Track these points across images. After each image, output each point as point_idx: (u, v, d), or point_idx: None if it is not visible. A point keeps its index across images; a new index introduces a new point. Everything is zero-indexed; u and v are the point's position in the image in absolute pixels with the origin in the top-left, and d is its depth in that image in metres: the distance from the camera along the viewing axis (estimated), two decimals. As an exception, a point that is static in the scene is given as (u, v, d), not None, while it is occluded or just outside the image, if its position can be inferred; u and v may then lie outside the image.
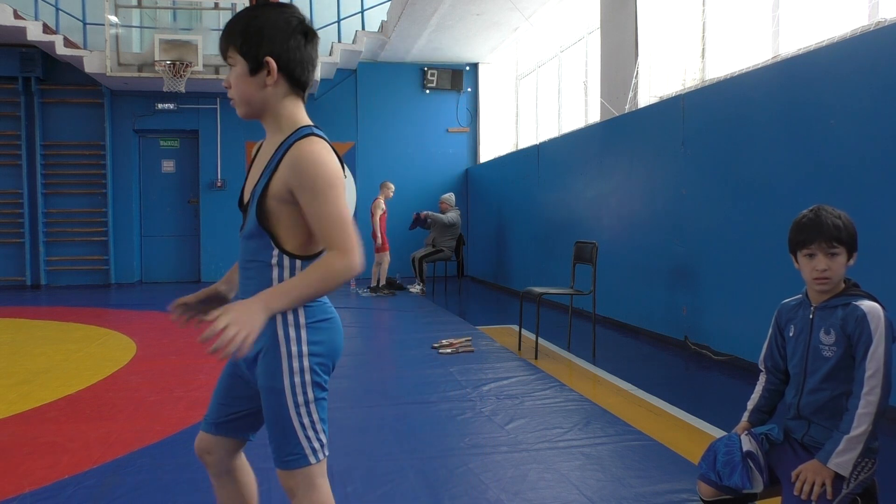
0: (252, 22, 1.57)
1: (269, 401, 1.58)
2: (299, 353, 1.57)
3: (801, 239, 1.89)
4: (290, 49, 1.58)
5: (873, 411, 1.76)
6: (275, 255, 1.58)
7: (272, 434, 1.61)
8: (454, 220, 9.55)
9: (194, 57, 9.09)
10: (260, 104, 1.60)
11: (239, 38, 1.57)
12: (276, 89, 1.58)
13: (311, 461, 1.61)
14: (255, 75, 1.57)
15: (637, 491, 2.62)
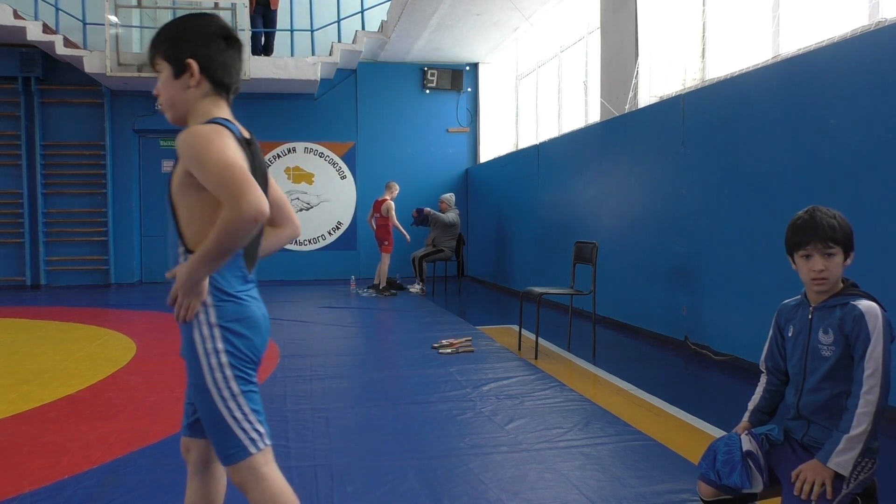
0: (175, 29, 1.67)
1: (199, 399, 1.65)
2: (215, 351, 1.63)
3: (797, 240, 1.90)
4: (211, 51, 1.66)
5: (873, 410, 1.77)
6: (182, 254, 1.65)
7: (209, 432, 1.66)
8: (454, 220, 9.56)
9: (194, 57, 9.08)
10: (184, 106, 1.67)
11: (163, 45, 1.66)
12: (199, 90, 1.67)
13: (252, 451, 1.65)
14: (178, 78, 1.66)
15: (637, 491, 2.62)
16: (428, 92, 11.60)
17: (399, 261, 10.22)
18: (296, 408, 3.79)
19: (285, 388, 4.23)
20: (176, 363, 4.97)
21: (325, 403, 3.89)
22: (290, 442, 3.21)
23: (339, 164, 11.43)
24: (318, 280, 11.22)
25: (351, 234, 11.45)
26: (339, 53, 10.30)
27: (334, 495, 2.60)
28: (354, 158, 11.44)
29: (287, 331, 6.34)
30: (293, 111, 11.21)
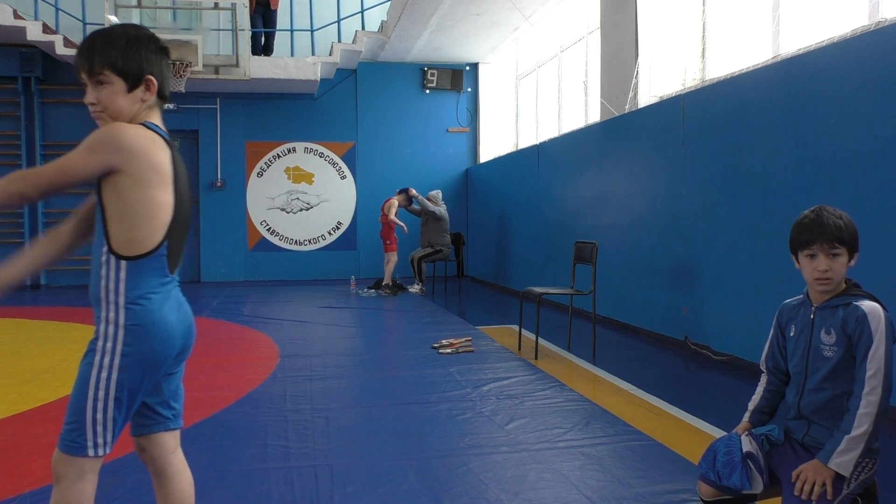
0: (128, 41, 1.71)
1: (76, 385, 1.67)
2: (112, 351, 1.66)
3: (803, 239, 1.89)
4: (163, 68, 1.76)
5: (874, 411, 1.76)
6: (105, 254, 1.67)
7: (68, 415, 1.67)
8: (442, 213, 9.49)
9: (194, 57, 9.09)
10: (129, 117, 1.72)
11: (120, 59, 1.68)
12: (146, 104, 1.74)
13: (90, 453, 1.66)
14: (131, 92, 1.71)
15: (637, 491, 2.62)
16: (428, 92, 11.60)
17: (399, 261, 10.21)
18: (296, 408, 3.79)
19: (285, 388, 4.23)
20: (176, 363, 4.98)
21: (325, 403, 3.89)
22: (290, 442, 3.21)
23: (339, 164, 11.43)
24: (318, 280, 11.22)
25: (351, 234, 11.45)
26: (339, 53, 10.29)
27: (334, 495, 2.60)
28: (354, 158, 11.44)
29: (287, 331, 6.33)
30: (293, 111, 11.21)
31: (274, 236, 11.28)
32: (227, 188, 11.05)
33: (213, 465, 2.92)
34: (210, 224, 11.04)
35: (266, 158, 11.23)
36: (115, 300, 1.66)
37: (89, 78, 1.70)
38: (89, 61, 1.68)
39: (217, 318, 7.14)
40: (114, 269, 1.66)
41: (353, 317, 7.38)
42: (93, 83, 1.70)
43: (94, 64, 1.68)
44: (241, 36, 9.49)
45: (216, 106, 10.96)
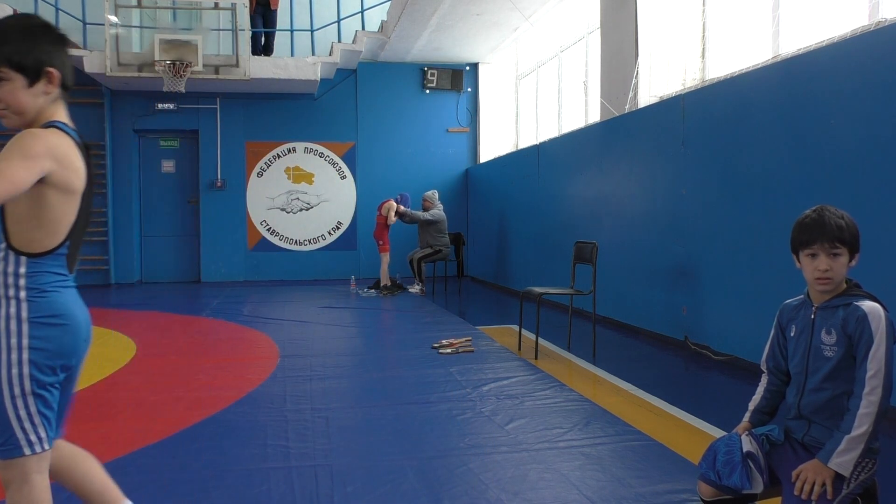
0: (21, 34, 1.65)
1: None
2: (18, 346, 1.63)
3: (804, 239, 1.89)
4: (63, 59, 1.72)
5: (874, 411, 1.77)
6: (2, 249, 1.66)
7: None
8: (437, 216, 9.42)
9: (194, 57, 9.09)
10: (35, 112, 1.69)
11: (15, 54, 1.64)
12: (49, 96, 1.70)
13: (26, 452, 1.65)
14: (32, 86, 1.67)
15: (637, 491, 2.62)
16: (428, 92, 11.60)
17: (398, 261, 10.22)
18: (296, 408, 3.79)
19: (285, 388, 4.23)
20: (176, 363, 4.98)
21: (325, 403, 3.89)
22: (290, 442, 3.21)
23: (339, 164, 11.43)
24: (318, 280, 11.22)
25: (351, 234, 11.45)
26: (339, 53, 10.29)
27: (334, 495, 2.60)
28: (354, 158, 11.44)
29: (287, 331, 6.33)
30: (293, 111, 11.21)
31: (274, 236, 11.28)
32: (227, 188, 11.05)
33: (213, 465, 2.91)
34: (210, 224, 11.04)
35: (266, 158, 11.23)
36: (15, 295, 1.64)
37: None
38: None
39: (217, 318, 7.15)
40: (13, 264, 1.65)
41: (353, 317, 7.38)
42: None
43: None
44: (241, 36, 9.49)
45: (216, 106, 10.96)
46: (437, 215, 9.43)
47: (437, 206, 9.53)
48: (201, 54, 9.17)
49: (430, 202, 9.54)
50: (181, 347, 5.59)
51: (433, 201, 9.55)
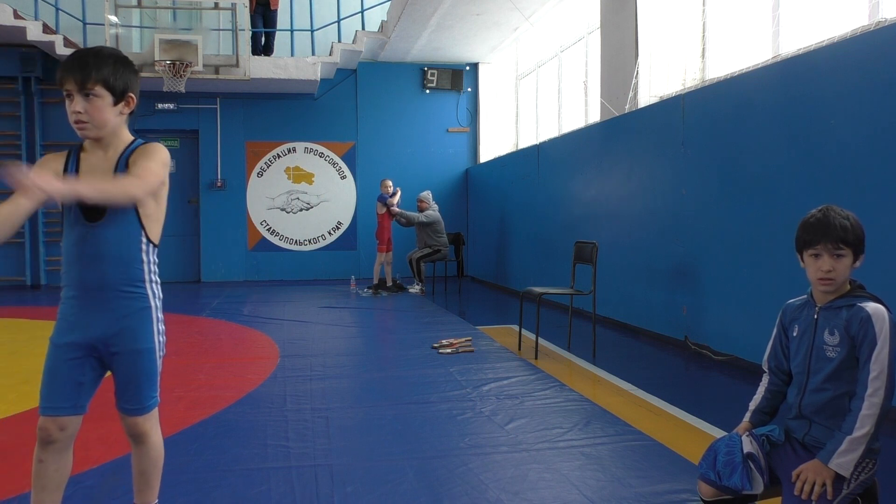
0: (119, 63, 1.97)
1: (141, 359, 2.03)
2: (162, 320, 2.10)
3: (808, 238, 1.89)
4: (139, 88, 2.06)
5: (877, 413, 1.76)
6: (143, 242, 2.01)
7: (140, 387, 2.06)
8: (432, 217, 9.35)
9: (194, 57, 9.09)
10: (111, 128, 1.99)
11: (111, 76, 1.95)
12: (122, 117, 2.02)
13: (159, 400, 2.13)
14: (116, 106, 1.98)
15: (637, 491, 2.62)
16: (428, 92, 11.60)
17: (398, 261, 10.22)
18: (296, 408, 3.79)
19: (285, 388, 4.23)
20: (176, 363, 4.98)
21: (325, 403, 3.89)
22: (290, 442, 3.21)
23: (339, 164, 11.43)
24: (318, 280, 11.23)
25: (351, 234, 11.46)
26: (339, 53, 10.29)
27: (334, 495, 2.60)
28: (354, 158, 11.44)
29: (287, 331, 6.33)
30: (293, 111, 11.21)
31: (274, 236, 11.29)
32: (227, 188, 11.05)
33: (213, 465, 2.91)
34: (210, 224, 11.04)
35: (266, 158, 11.23)
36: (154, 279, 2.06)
37: (82, 89, 1.93)
38: (89, 75, 1.92)
39: (217, 318, 7.14)
40: (153, 254, 2.05)
41: (353, 317, 7.38)
42: (81, 96, 1.94)
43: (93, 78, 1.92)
44: (241, 36, 9.49)
45: (216, 106, 10.97)
46: (432, 216, 9.36)
47: (433, 207, 9.48)
48: (201, 54, 9.17)
49: (426, 203, 9.47)
50: (181, 347, 5.59)
51: (428, 202, 9.48)
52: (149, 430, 2.10)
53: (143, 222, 2.00)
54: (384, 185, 9.50)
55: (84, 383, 2.05)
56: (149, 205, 2.00)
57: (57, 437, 2.03)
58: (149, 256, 2.03)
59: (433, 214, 9.39)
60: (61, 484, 2.09)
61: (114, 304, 1.98)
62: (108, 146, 2.03)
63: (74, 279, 1.98)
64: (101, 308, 1.98)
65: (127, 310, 1.99)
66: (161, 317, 2.09)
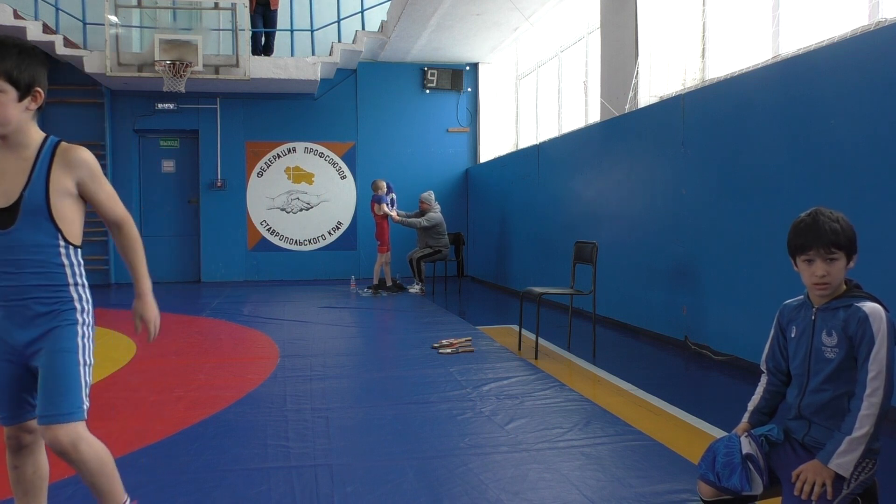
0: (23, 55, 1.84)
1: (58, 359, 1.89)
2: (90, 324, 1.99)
3: (799, 244, 1.88)
4: (46, 81, 1.93)
5: (876, 413, 1.76)
6: (62, 246, 1.92)
7: (57, 390, 1.88)
8: (434, 220, 9.29)
9: (194, 57, 9.09)
10: (17, 125, 1.86)
11: (14, 69, 1.82)
12: (29, 113, 1.89)
13: (85, 416, 1.94)
14: (21, 101, 1.85)
15: (637, 491, 2.62)
16: (428, 92, 11.60)
17: (398, 261, 10.22)
18: (296, 408, 3.79)
19: (285, 388, 4.23)
20: (176, 363, 4.98)
21: (325, 403, 3.89)
22: (290, 442, 3.21)
23: (339, 164, 11.43)
24: (318, 280, 11.23)
25: (351, 234, 11.46)
26: (339, 53, 10.29)
27: (334, 495, 2.60)
28: (354, 158, 11.44)
29: (287, 331, 6.33)
30: (293, 111, 11.21)
31: (274, 236, 11.29)
32: (227, 188, 11.05)
33: (213, 465, 2.91)
34: (210, 224, 11.04)
35: (266, 158, 11.23)
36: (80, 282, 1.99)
37: None
38: None
39: (217, 318, 7.15)
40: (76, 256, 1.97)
41: (353, 317, 7.38)
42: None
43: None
44: (241, 36, 9.49)
45: (216, 106, 10.97)
46: (433, 219, 9.29)
47: (435, 208, 9.42)
48: (201, 54, 9.17)
49: (428, 204, 9.42)
50: (181, 347, 5.59)
51: (430, 203, 9.43)
52: (70, 445, 1.87)
53: (58, 225, 1.89)
54: (377, 185, 9.47)
55: (24, 394, 1.97)
56: (63, 206, 1.89)
57: (27, 440, 2.01)
58: (71, 259, 1.93)
59: (435, 217, 9.33)
60: (42, 487, 2.07)
61: (33, 310, 1.89)
62: (17, 146, 1.89)
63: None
64: (22, 316, 1.89)
65: (48, 317, 1.90)
66: (88, 321, 1.98)
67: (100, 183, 1.95)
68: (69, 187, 1.90)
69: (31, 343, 1.90)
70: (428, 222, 9.27)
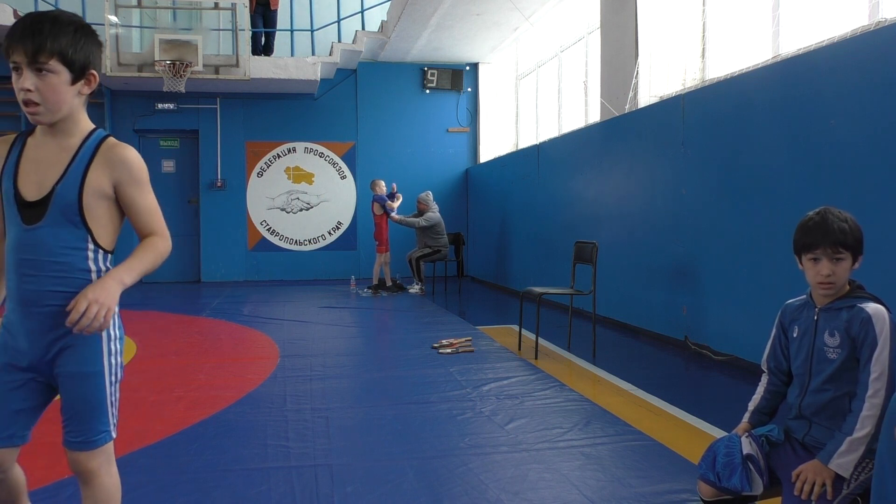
0: (80, 32, 1.65)
1: (84, 384, 1.71)
2: (119, 338, 1.79)
3: (806, 242, 1.88)
4: (100, 62, 1.75)
5: (877, 413, 1.76)
6: (90, 250, 1.72)
7: (84, 416, 1.71)
8: (431, 220, 9.27)
9: (194, 57, 9.09)
10: (68, 111, 1.68)
11: (70, 48, 1.62)
12: (83, 98, 1.71)
13: (114, 435, 1.77)
14: (74, 84, 1.67)
15: (637, 491, 2.62)
16: (428, 92, 11.60)
17: (398, 261, 10.22)
18: (296, 408, 3.79)
19: (285, 388, 4.23)
20: (176, 363, 4.98)
21: (325, 403, 3.89)
22: (290, 442, 3.21)
23: (339, 164, 11.43)
24: (318, 280, 11.23)
25: (351, 234, 11.46)
26: (339, 53, 10.30)
27: (334, 495, 2.60)
28: (354, 158, 11.44)
29: (287, 331, 6.33)
30: (293, 111, 11.21)
31: (274, 236, 11.29)
32: (227, 188, 11.05)
33: (213, 465, 2.91)
34: (210, 224, 11.04)
35: (266, 158, 11.23)
36: None
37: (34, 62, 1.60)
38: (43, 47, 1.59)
39: (217, 318, 7.14)
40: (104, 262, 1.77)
41: (353, 317, 7.38)
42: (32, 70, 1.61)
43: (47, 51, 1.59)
44: (241, 36, 9.49)
45: (216, 106, 10.97)
46: (432, 219, 9.28)
47: (433, 208, 9.41)
48: (201, 54, 9.17)
49: (425, 204, 9.39)
50: (181, 347, 5.59)
51: (428, 203, 9.41)
52: (95, 470, 1.73)
53: (89, 226, 1.69)
54: (377, 185, 9.47)
55: (23, 410, 1.73)
56: (98, 207, 1.70)
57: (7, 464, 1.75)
58: (98, 265, 1.72)
59: (433, 217, 9.32)
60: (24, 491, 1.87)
61: (54, 320, 1.67)
62: (63, 133, 1.70)
63: (13, 290, 1.70)
64: (41, 325, 1.68)
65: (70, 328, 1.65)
66: (117, 335, 1.77)
67: (140, 190, 1.74)
68: (105, 188, 1.69)
69: (50, 358, 1.70)
70: (426, 222, 9.26)
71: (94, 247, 1.71)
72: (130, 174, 1.72)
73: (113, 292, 1.64)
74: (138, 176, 1.73)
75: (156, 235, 1.78)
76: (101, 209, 1.71)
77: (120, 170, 1.70)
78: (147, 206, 1.76)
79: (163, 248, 1.78)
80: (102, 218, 1.72)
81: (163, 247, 1.78)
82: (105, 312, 1.60)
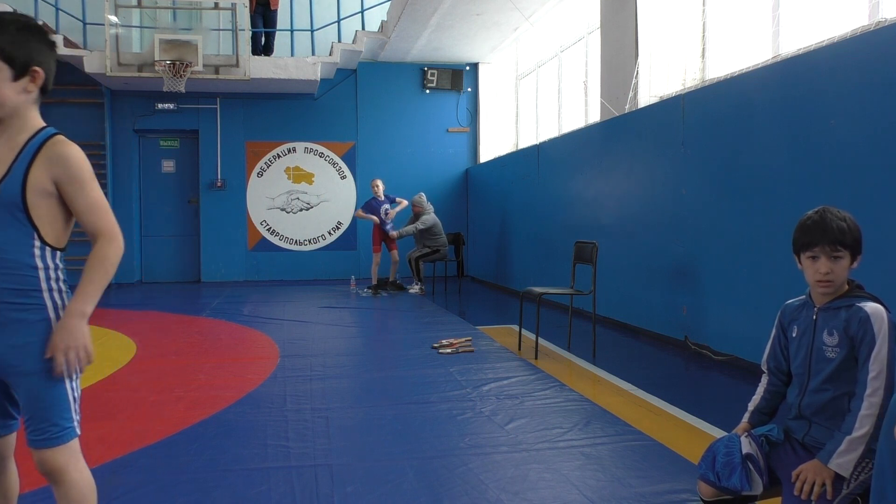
0: (22, 31, 1.69)
1: (42, 381, 1.71)
2: None
3: (805, 241, 1.88)
4: (51, 64, 1.76)
5: (876, 413, 1.76)
6: (37, 247, 1.72)
7: (44, 413, 1.72)
8: (427, 222, 9.24)
9: (194, 57, 9.09)
10: (11, 108, 1.70)
11: (9, 45, 1.66)
12: (30, 95, 1.73)
13: (79, 432, 1.78)
14: (16, 81, 1.69)
15: (637, 491, 2.62)
16: (428, 92, 11.60)
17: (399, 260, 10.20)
18: (296, 408, 3.79)
19: (285, 388, 4.23)
20: (176, 363, 4.98)
21: (325, 403, 3.89)
22: (290, 442, 3.21)
23: (339, 164, 11.43)
24: (318, 280, 11.23)
25: (351, 234, 11.46)
26: (339, 53, 10.29)
27: (334, 495, 2.60)
28: (354, 158, 11.44)
29: (287, 331, 6.33)
30: (293, 111, 11.21)
31: (274, 236, 11.29)
32: (227, 188, 11.05)
33: (213, 465, 2.91)
34: (210, 224, 11.03)
35: (266, 158, 11.23)
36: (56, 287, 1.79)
37: None
38: None
39: (217, 318, 7.14)
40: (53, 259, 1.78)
41: (353, 317, 7.38)
42: None
43: None
44: (241, 36, 9.50)
45: (216, 106, 10.97)
46: (428, 221, 9.24)
47: (427, 209, 9.36)
48: (201, 54, 9.17)
49: (420, 207, 9.35)
50: (181, 347, 5.59)
51: (422, 205, 9.35)
52: (62, 467, 1.74)
53: (35, 224, 1.70)
54: (375, 185, 9.48)
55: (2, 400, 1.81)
56: (42, 205, 1.70)
57: None
58: (46, 262, 1.73)
59: (429, 219, 9.28)
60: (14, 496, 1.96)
61: (4, 316, 1.69)
62: (11, 131, 1.72)
63: None
64: None
65: (20, 324, 1.69)
66: None
67: (80, 188, 1.71)
68: (47, 186, 1.69)
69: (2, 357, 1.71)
70: (423, 225, 9.25)
71: (40, 244, 1.72)
72: (68, 172, 1.70)
73: (77, 331, 1.70)
74: (76, 174, 1.71)
75: (101, 237, 1.75)
76: (45, 207, 1.71)
77: (59, 167, 1.70)
78: (88, 204, 1.73)
79: (112, 255, 1.75)
80: (48, 216, 1.72)
81: (111, 252, 1.75)
82: (81, 351, 1.70)
